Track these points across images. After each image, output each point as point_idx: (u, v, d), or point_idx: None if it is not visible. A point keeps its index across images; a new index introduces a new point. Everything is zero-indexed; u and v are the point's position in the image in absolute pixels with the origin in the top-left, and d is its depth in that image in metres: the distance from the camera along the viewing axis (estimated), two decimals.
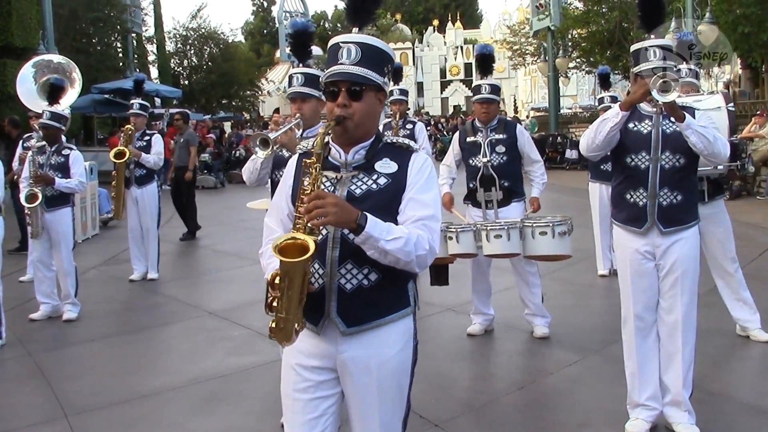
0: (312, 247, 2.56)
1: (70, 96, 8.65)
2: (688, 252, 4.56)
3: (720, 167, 5.70)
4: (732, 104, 6.09)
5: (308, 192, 2.65)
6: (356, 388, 2.87)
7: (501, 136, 6.59)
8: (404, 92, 8.87)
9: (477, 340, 6.70)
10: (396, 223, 2.78)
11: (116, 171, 9.13)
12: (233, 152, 25.70)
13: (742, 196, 15.48)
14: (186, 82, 37.68)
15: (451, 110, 58.87)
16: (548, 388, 5.63)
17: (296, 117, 4.79)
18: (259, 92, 42.79)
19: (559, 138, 26.40)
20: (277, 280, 2.62)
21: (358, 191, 2.81)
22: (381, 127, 8.81)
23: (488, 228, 6.11)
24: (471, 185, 6.71)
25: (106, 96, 25.56)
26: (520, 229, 6.08)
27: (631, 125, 4.59)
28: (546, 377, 5.82)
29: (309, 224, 2.61)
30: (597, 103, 9.38)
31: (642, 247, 4.61)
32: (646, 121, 4.60)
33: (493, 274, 6.90)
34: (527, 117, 41.83)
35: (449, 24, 68.70)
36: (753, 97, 23.52)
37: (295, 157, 3.05)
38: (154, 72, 35.60)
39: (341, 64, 2.79)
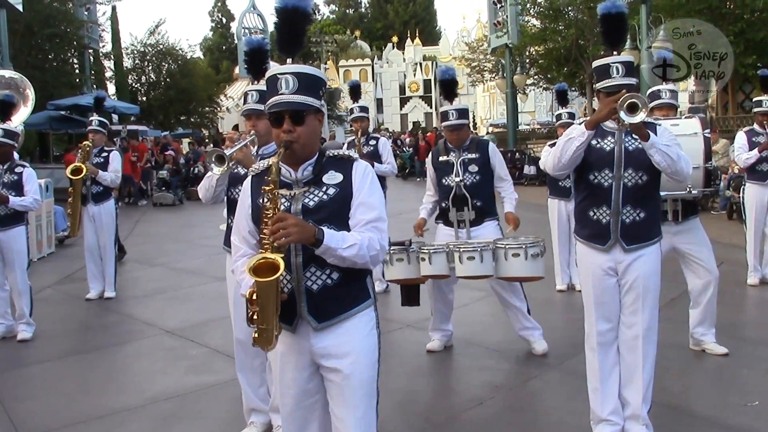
0: (281, 265, 2.89)
1: (23, 113, 8.54)
2: (650, 268, 4.58)
3: (694, 191, 5.79)
4: (708, 130, 6.13)
5: (270, 215, 2.98)
6: (330, 374, 3.20)
7: (474, 156, 6.55)
8: (364, 109, 8.87)
9: (436, 357, 6.71)
10: (348, 226, 3.16)
11: (72, 188, 8.97)
12: (191, 169, 25.52)
13: (697, 211, 15.64)
14: (144, 99, 37.41)
15: (410, 126, 59.06)
16: (508, 403, 5.64)
17: (251, 134, 4.79)
18: (218, 108, 42.61)
19: (517, 154, 26.64)
20: (254, 296, 2.95)
21: (311, 204, 3.17)
22: (345, 145, 8.82)
23: (461, 249, 6.03)
24: (443, 204, 6.67)
25: (63, 112, 25.28)
26: (493, 250, 6.03)
27: (593, 142, 4.58)
28: (506, 393, 5.84)
29: (275, 244, 2.93)
30: (555, 120, 9.47)
31: (605, 264, 4.62)
32: (609, 138, 4.59)
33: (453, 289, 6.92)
34: (486, 133, 42.10)
35: (408, 41, 69.05)
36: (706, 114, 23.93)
37: (249, 179, 3.36)
38: (111, 88, 35.28)
39: (282, 94, 3.12)
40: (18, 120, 8.23)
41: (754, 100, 9.34)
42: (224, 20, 79.62)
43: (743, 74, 20.39)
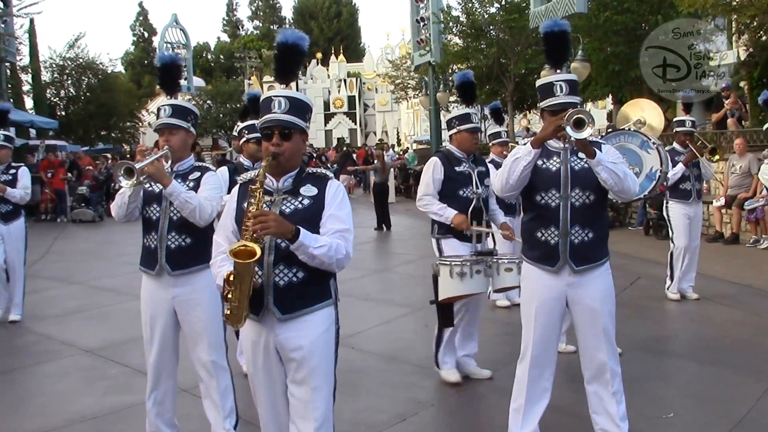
0: (258, 252, 3.31)
1: None
2: (603, 288, 4.56)
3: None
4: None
5: (253, 210, 3.41)
6: (291, 363, 3.63)
7: (483, 169, 6.42)
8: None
9: (359, 373, 6.72)
10: (318, 234, 3.54)
11: None
12: (112, 185, 25.02)
13: (615, 227, 16.04)
14: (63, 113, 36.62)
15: (335, 143, 59.12)
16: (430, 419, 5.69)
17: (164, 148, 4.73)
18: (140, 124, 41.99)
19: None
20: (231, 278, 3.40)
21: (287, 210, 3.60)
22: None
23: (499, 262, 5.84)
24: None
25: None
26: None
27: (539, 163, 4.50)
28: (427, 409, 5.88)
29: (255, 234, 3.35)
30: (490, 139, 9.46)
31: (553, 286, 4.56)
32: (555, 158, 4.53)
33: (373, 306, 6.93)
34: (410, 149, 42.36)
35: (333, 57, 69.12)
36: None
37: (236, 187, 3.78)
38: (29, 102, 34.38)
39: (274, 113, 3.59)
40: None
41: (676, 120, 9.60)
42: (146, 34, 78.64)
43: (657, 94, 20.98)
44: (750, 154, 14.08)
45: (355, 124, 66.21)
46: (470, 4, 27.11)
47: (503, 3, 26.77)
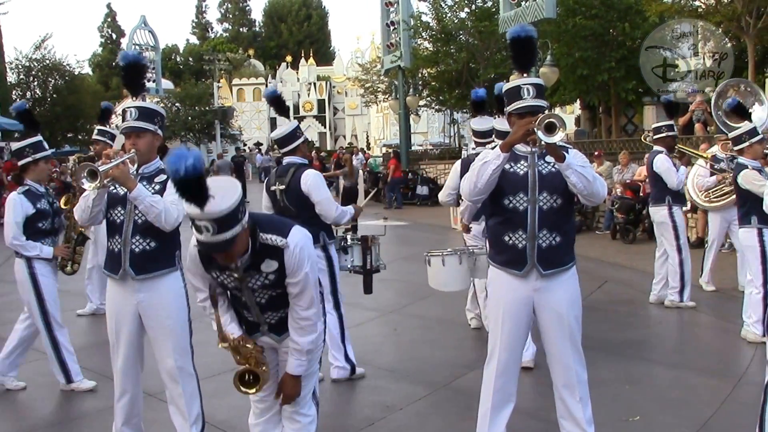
0: (264, 378, 3.83)
1: None
2: (570, 293, 4.55)
3: None
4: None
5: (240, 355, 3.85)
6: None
7: None
8: None
9: (327, 377, 6.67)
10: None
11: None
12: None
13: (582, 231, 16.14)
14: None
15: None
16: (398, 423, 5.67)
17: (131, 152, 4.66)
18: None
19: (410, 174, 26.88)
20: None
21: (255, 286, 3.74)
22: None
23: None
24: None
25: None
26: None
27: (507, 167, 4.45)
28: (395, 413, 5.86)
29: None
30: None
31: (520, 290, 4.53)
32: (522, 162, 4.50)
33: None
34: (381, 152, 42.38)
35: (302, 60, 69.02)
36: (591, 136, 24.72)
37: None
38: None
39: (205, 240, 3.43)
40: None
41: (665, 124, 9.27)
42: (114, 36, 78.12)
43: (624, 99, 21.19)
44: None
45: (325, 127, 66.11)
46: (440, 9, 27.22)
47: (473, 8, 26.90)
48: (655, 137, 9.28)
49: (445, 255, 6.50)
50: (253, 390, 3.82)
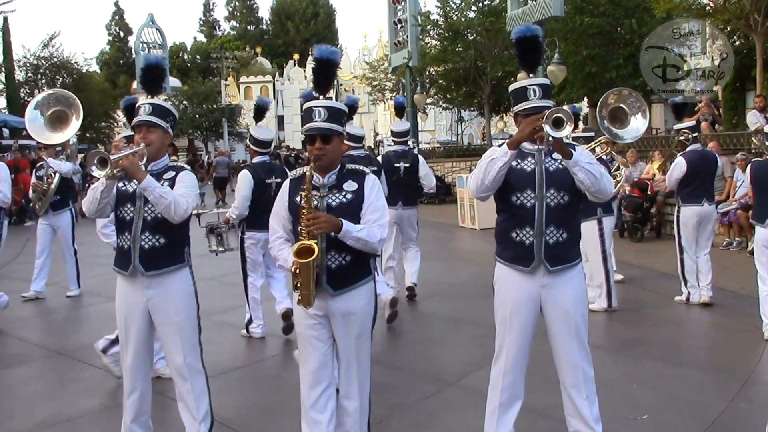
0: (316, 249, 4.05)
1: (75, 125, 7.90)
2: (576, 291, 4.55)
3: None
4: None
5: (305, 212, 4.13)
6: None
7: None
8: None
9: None
10: (359, 220, 4.26)
11: None
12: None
13: None
14: None
15: None
16: (406, 422, 5.67)
17: (141, 145, 4.68)
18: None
19: None
20: (297, 271, 4.13)
21: (334, 204, 4.30)
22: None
23: None
24: None
25: None
26: None
27: (514, 164, 4.47)
28: (404, 411, 5.87)
29: (310, 233, 4.08)
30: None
31: (527, 287, 4.53)
32: (529, 159, 4.51)
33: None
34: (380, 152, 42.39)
35: (309, 58, 68.88)
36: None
37: (287, 182, 4.46)
38: (2, 101, 34.15)
39: (315, 121, 4.25)
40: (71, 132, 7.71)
41: (689, 125, 9.36)
42: (122, 34, 78.18)
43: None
44: (724, 157, 14.19)
45: None
46: (448, 7, 27.20)
47: (481, 6, 26.89)
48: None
49: None
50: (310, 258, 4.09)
